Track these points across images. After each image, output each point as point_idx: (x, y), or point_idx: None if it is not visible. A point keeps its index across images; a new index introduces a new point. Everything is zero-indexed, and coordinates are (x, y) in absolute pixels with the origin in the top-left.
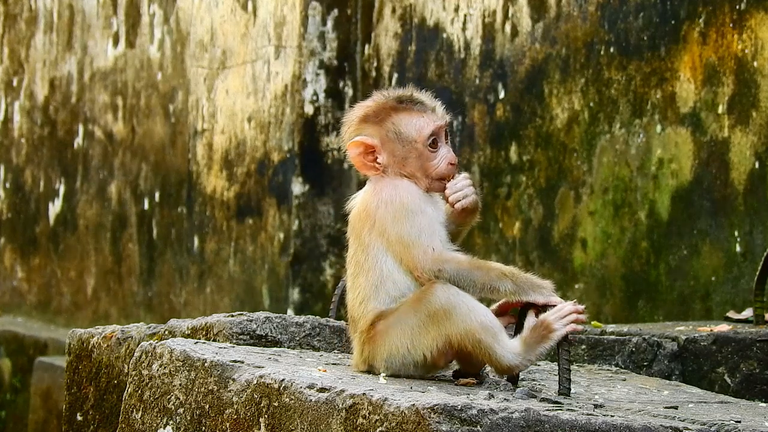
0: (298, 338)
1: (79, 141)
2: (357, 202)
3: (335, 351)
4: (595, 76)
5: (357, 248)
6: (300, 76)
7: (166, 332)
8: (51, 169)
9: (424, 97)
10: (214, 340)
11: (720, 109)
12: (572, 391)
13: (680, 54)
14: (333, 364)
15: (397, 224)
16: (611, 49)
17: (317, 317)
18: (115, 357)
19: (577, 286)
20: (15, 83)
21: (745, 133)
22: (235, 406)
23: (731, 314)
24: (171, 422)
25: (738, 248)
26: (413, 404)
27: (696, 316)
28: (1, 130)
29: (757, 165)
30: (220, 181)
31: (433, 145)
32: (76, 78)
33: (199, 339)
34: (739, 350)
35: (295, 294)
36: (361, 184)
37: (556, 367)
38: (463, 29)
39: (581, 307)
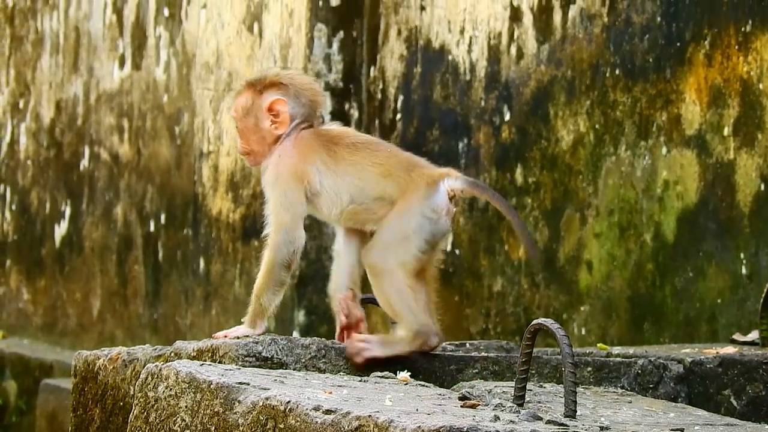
0: (303, 360)
1: (84, 163)
2: None
3: (341, 373)
4: (600, 98)
5: None
6: None
7: (172, 354)
8: (57, 190)
9: None
10: (220, 362)
11: (725, 131)
12: (578, 413)
13: (686, 76)
14: (339, 386)
15: None
16: (617, 71)
17: (323, 339)
18: (121, 379)
19: (582, 308)
20: (21, 105)
21: (751, 155)
22: (241, 428)
23: (737, 336)
24: None
25: (744, 270)
26: (419, 426)
27: (702, 339)
28: (7, 152)
29: (762, 187)
30: (226, 203)
31: None
32: (82, 100)
33: (205, 361)
34: (745, 372)
35: (300, 316)
36: None
37: (562, 389)
38: (469, 51)
39: None
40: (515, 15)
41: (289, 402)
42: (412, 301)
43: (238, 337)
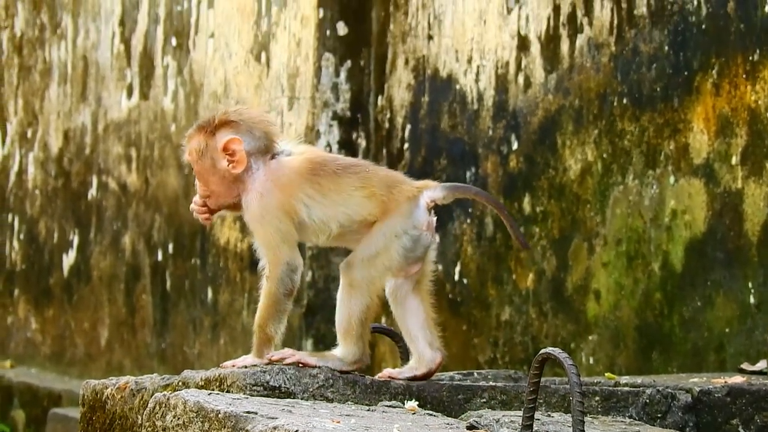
0: (311, 389)
1: (92, 192)
2: None
3: (349, 402)
4: (608, 127)
5: None
6: (313, 127)
7: (180, 383)
8: (65, 220)
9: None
10: (228, 391)
11: (733, 160)
12: None
13: (693, 105)
14: (347, 415)
15: None
16: (624, 100)
17: (330, 368)
18: (129, 408)
19: (590, 338)
20: (29, 135)
21: (759, 184)
22: None
23: (745, 366)
24: None
25: (752, 299)
26: None
27: (710, 368)
28: (15, 182)
29: None
30: (234, 232)
31: None
32: (90, 129)
33: (213, 390)
34: (753, 402)
35: (308, 345)
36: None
37: (570, 419)
38: (477, 80)
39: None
40: (523, 44)
41: (297, 431)
42: (368, 329)
43: (245, 367)
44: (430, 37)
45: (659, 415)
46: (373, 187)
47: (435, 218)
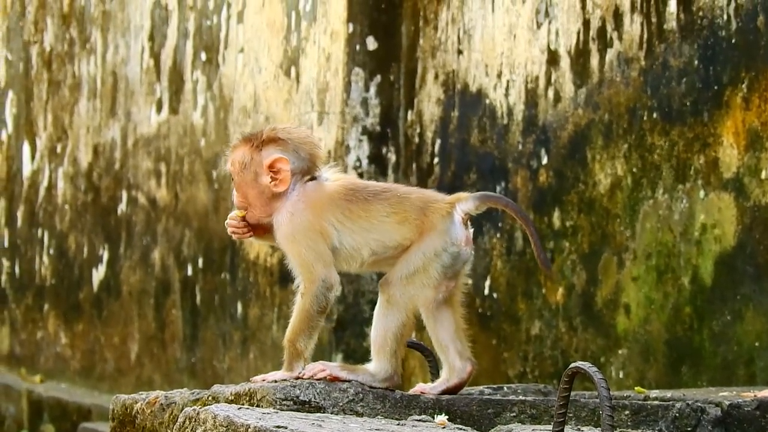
0: (341, 404)
1: (122, 207)
2: None
3: (379, 416)
4: (637, 141)
5: None
6: (343, 142)
7: (210, 398)
8: (94, 235)
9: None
10: (258, 406)
11: (763, 174)
12: None
13: (723, 119)
14: (376, 429)
15: None
16: (654, 115)
17: (360, 383)
18: (159, 423)
19: (620, 352)
20: (59, 150)
21: None
22: None
23: None
24: None
25: None
26: None
27: (740, 382)
28: (44, 197)
29: None
30: (263, 247)
31: None
32: (119, 144)
33: (243, 404)
34: None
35: (338, 360)
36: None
37: None
38: (506, 95)
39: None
40: (552, 58)
41: None
42: (403, 347)
43: (275, 381)
44: (459, 52)
45: (689, 429)
46: (405, 212)
47: (472, 230)
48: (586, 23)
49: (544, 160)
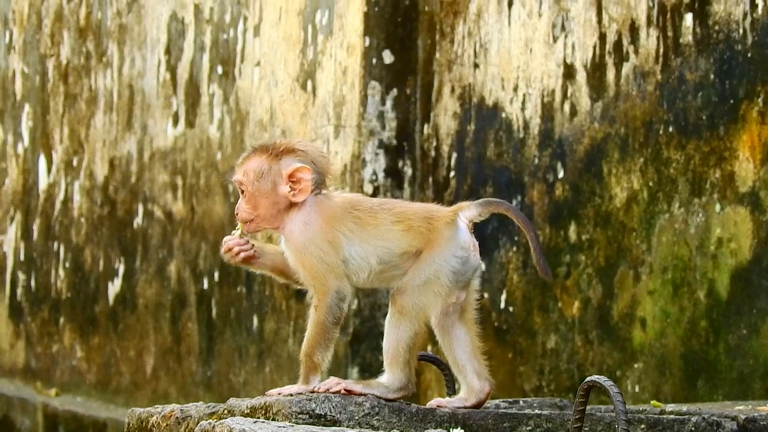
0: (357, 417)
1: (138, 220)
2: None
3: (395, 430)
4: (653, 155)
5: None
6: (359, 156)
7: (225, 411)
8: (110, 248)
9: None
10: (273, 420)
11: None
12: None
13: (739, 133)
14: None
15: None
16: (670, 129)
17: (376, 396)
18: None
19: (636, 365)
20: (75, 163)
21: None
22: None
23: None
24: None
25: None
26: None
27: (756, 396)
28: (60, 210)
29: None
30: None
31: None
32: (135, 157)
33: (258, 418)
34: None
35: (354, 373)
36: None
37: None
38: (522, 109)
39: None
40: (569, 72)
41: None
42: (415, 357)
43: (291, 395)
44: (476, 66)
45: None
46: (409, 220)
47: (476, 241)
48: (602, 37)
49: (561, 174)
